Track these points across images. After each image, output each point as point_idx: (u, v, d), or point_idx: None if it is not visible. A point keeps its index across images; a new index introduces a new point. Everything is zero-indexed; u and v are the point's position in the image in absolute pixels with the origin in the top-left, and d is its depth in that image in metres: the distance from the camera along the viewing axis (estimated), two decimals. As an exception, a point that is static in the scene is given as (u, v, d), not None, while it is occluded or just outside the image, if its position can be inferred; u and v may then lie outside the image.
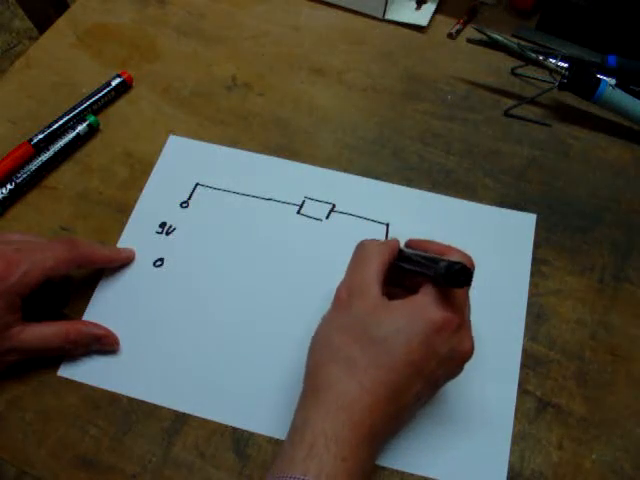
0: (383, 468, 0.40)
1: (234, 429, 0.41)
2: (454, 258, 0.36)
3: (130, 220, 0.50)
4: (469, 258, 0.37)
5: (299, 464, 0.32)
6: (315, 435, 0.32)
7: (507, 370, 0.43)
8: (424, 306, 0.35)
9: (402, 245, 0.41)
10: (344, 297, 0.37)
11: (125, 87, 0.58)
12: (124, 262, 0.48)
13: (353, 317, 0.36)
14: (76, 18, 0.64)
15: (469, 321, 0.37)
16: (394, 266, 0.39)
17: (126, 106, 0.57)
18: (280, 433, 0.41)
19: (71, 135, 0.53)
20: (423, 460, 0.40)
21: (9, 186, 0.50)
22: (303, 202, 0.51)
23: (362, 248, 0.39)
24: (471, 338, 0.36)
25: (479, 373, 0.42)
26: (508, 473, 0.40)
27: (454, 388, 0.41)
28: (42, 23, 0.88)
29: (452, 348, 0.35)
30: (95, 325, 0.44)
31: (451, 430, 0.41)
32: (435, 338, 0.34)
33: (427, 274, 0.36)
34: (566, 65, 0.56)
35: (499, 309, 0.45)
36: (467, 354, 0.36)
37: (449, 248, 0.38)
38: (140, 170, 0.53)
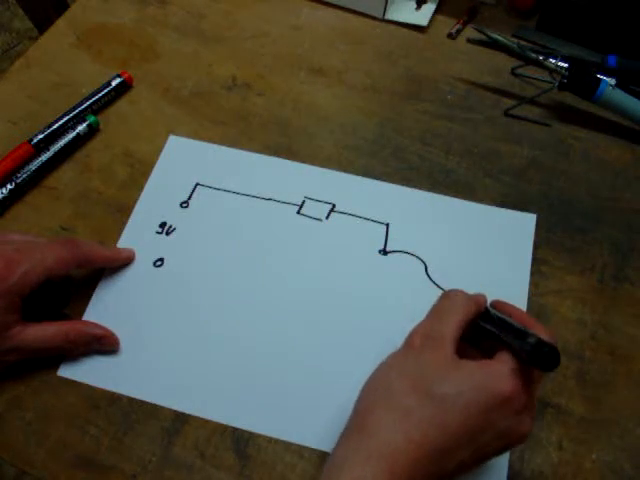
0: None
1: (234, 429, 0.41)
2: (541, 335, 0.34)
3: (130, 220, 0.50)
4: (553, 336, 0.35)
5: None
6: (353, 478, 0.31)
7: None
8: (496, 375, 0.33)
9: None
10: (417, 344, 0.35)
11: (125, 87, 0.58)
12: (124, 262, 0.48)
13: (419, 367, 0.34)
14: (76, 18, 0.64)
15: (535, 403, 0.35)
16: (474, 323, 0.37)
17: (126, 106, 0.57)
18: (280, 433, 0.41)
19: (71, 135, 0.53)
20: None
21: (9, 186, 0.50)
22: (303, 202, 0.51)
23: (448, 298, 0.38)
24: (532, 421, 0.34)
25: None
26: (508, 473, 0.40)
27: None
28: (42, 23, 0.88)
29: (510, 426, 0.33)
30: (95, 325, 0.44)
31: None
32: (497, 411, 0.33)
33: (510, 343, 0.34)
34: (566, 65, 0.56)
35: (499, 309, 0.45)
36: (523, 437, 0.34)
37: (534, 322, 0.36)
38: (140, 170, 0.53)
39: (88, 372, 0.43)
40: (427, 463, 0.32)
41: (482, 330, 0.37)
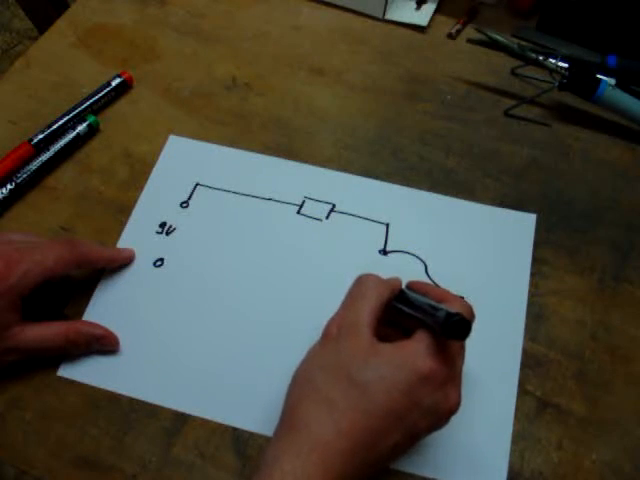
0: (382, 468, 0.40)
1: (234, 429, 0.41)
2: (454, 307, 0.34)
3: (130, 220, 0.50)
4: (469, 308, 0.36)
5: None
6: (284, 473, 0.31)
7: (507, 370, 0.43)
8: (414, 354, 0.34)
9: (403, 285, 0.40)
10: (333, 333, 0.36)
11: (125, 87, 0.58)
12: (124, 262, 0.47)
13: (339, 356, 0.34)
14: (76, 18, 0.64)
15: (460, 375, 0.35)
16: (392, 306, 0.38)
17: (126, 106, 0.57)
18: (280, 433, 0.41)
19: (71, 135, 0.53)
20: (423, 460, 0.40)
21: (9, 186, 0.50)
22: (303, 202, 0.51)
23: (360, 283, 0.38)
24: (458, 393, 0.35)
25: (479, 373, 0.42)
26: (508, 473, 0.40)
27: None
28: (42, 23, 0.88)
29: (437, 401, 0.33)
30: (95, 325, 0.44)
31: (451, 430, 0.41)
32: (420, 389, 0.33)
33: (424, 321, 0.35)
34: (566, 65, 0.56)
35: (499, 309, 0.45)
36: (452, 410, 0.34)
37: (449, 296, 0.37)
38: (140, 170, 0.53)
39: (88, 372, 0.43)
40: (359, 450, 0.32)
41: (401, 312, 0.37)
